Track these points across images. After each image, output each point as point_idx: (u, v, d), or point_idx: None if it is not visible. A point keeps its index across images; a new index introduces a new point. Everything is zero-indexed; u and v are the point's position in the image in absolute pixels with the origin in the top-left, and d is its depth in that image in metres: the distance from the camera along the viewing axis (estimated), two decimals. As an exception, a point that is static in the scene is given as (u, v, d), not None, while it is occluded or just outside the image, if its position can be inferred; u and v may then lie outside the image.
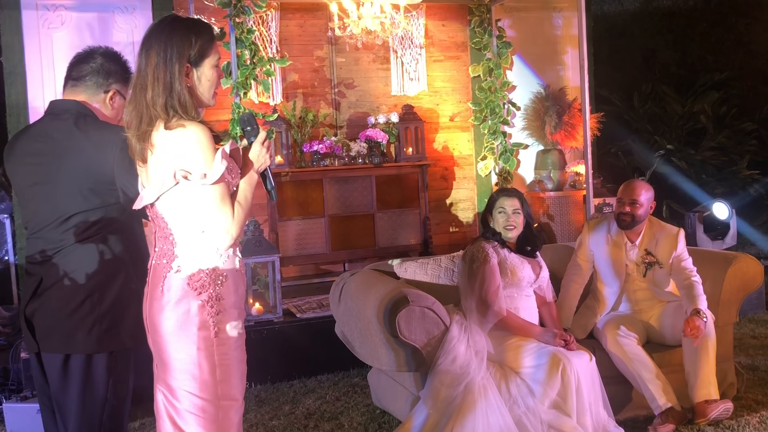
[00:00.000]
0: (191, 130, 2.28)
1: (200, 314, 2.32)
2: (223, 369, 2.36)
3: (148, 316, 2.40)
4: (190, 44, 2.35)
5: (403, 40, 7.60)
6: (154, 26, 2.39)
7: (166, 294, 2.33)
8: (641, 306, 4.45)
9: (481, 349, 3.87)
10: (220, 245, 2.34)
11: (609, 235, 4.49)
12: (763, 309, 6.50)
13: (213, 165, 2.27)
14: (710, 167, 9.60)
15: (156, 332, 2.36)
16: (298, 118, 7.17)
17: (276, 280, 5.34)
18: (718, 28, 10.75)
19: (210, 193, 2.28)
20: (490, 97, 7.77)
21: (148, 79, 2.30)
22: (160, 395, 2.38)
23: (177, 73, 2.31)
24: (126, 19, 6.76)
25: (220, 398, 2.36)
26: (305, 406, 4.69)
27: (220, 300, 2.35)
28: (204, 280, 2.33)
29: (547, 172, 7.79)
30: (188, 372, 2.32)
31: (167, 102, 2.29)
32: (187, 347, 2.32)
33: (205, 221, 2.31)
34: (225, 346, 2.37)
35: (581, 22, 6.35)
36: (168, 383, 2.35)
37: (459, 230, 7.98)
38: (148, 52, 2.32)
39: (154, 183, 2.33)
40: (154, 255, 2.42)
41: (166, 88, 2.30)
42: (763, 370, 4.93)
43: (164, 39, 2.32)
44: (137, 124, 2.32)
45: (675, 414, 3.97)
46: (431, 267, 4.55)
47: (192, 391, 2.33)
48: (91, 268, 2.61)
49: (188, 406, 2.33)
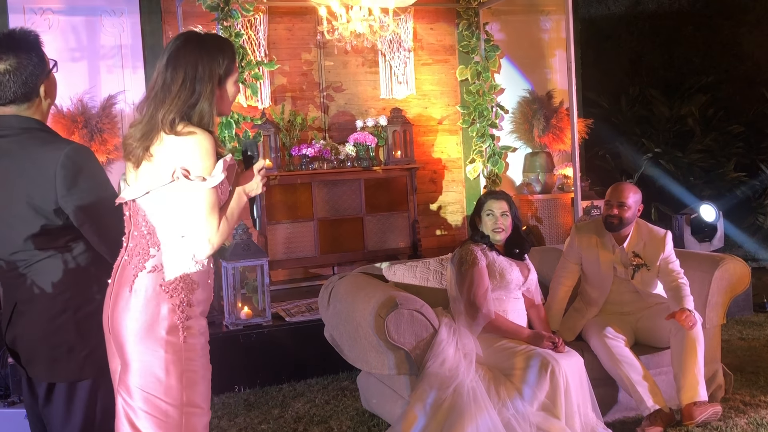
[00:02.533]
0: (199, 137, 2.27)
1: (170, 318, 2.29)
2: (189, 375, 2.32)
3: (110, 316, 2.34)
4: (219, 64, 2.35)
5: (391, 44, 7.62)
6: (181, 44, 2.36)
7: (135, 294, 2.29)
8: (629, 308, 4.47)
9: (469, 352, 3.87)
10: (198, 253, 2.31)
11: (597, 237, 4.50)
12: (751, 311, 6.53)
13: (214, 171, 2.27)
14: (698, 170, 9.64)
15: (119, 333, 2.31)
16: (287, 121, 7.17)
17: (265, 283, 5.33)
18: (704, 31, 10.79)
19: (202, 198, 2.27)
20: (479, 101, 7.79)
21: (170, 96, 2.29)
22: (120, 399, 2.33)
23: (207, 92, 2.32)
24: (113, 23, 6.75)
25: (184, 404, 2.31)
26: (294, 409, 4.68)
27: (191, 306, 2.32)
28: (177, 284, 2.30)
29: (535, 174, 7.81)
30: (153, 375, 2.28)
31: (176, 118, 2.28)
32: (154, 350, 2.28)
33: (188, 226, 2.29)
34: (192, 353, 2.33)
35: (569, 25, 6.37)
36: (127, 384, 2.30)
37: (448, 233, 8.00)
38: (175, 69, 2.30)
39: (145, 180, 2.31)
40: (124, 252, 2.38)
41: (186, 105, 2.29)
42: (751, 372, 4.95)
43: (195, 58, 2.32)
44: (144, 136, 2.30)
45: (663, 416, 3.98)
46: (420, 270, 4.55)
47: (155, 394, 2.28)
48: (62, 286, 2.49)
49: (149, 408, 2.28)
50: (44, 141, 2.49)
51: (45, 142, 2.49)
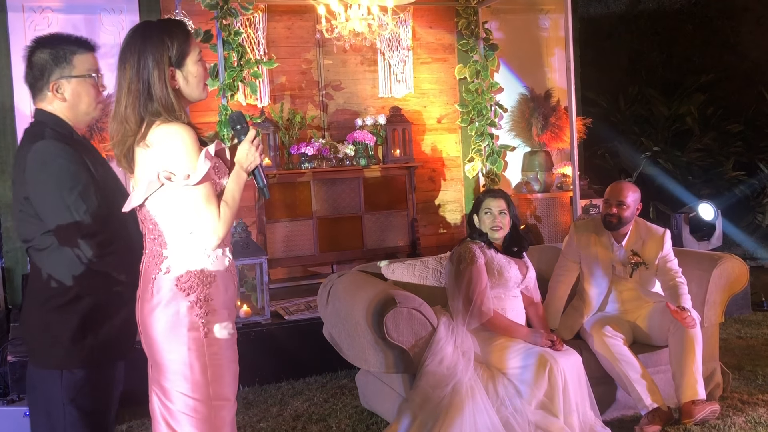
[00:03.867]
0: (175, 130, 2.28)
1: (189, 315, 2.32)
2: (215, 369, 2.36)
3: (139, 318, 2.40)
4: (167, 47, 2.34)
5: (390, 42, 7.62)
6: (127, 38, 2.38)
7: (155, 295, 2.33)
8: (628, 306, 4.47)
9: (468, 350, 3.88)
10: (207, 246, 2.34)
11: (596, 236, 4.50)
12: (749, 309, 6.54)
13: (197, 166, 2.27)
14: (696, 168, 9.64)
15: (147, 334, 2.36)
16: (286, 120, 7.16)
17: (264, 282, 5.34)
18: (703, 30, 10.80)
19: (195, 193, 2.28)
20: (477, 99, 7.79)
21: (123, 92, 2.32)
22: (154, 397, 2.39)
23: (156, 79, 2.31)
24: (113, 21, 6.75)
25: (212, 398, 2.36)
26: (293, 408, 4.68)
27: (209, 301, 2.35)
28: (192, 281, 2.33)
29: (534, 173, 7.82)
30: (180, 373, 2.33)
31: (141, 111, 2.30)
32: (178, 348, 2.32)
33: (193, 222, 2.31)
34: (215, 347, 2.37)
35: (567, 24, 6.38)
36: (161, 384, 2.36)
37: (447, 232, 8.00)
38: (123, 65, 2.33)
39: (142, 185, 2.33)
40: (144, 257, 2.41)
41: (142, 97, 2.30)
42: (749, 370, 4.96)
43: (138, 49, 2.33)
44: (120, 141, 2.33)
45: (661, 414, 3.99)
46: (419, 268, 4.55)
47: (184, 391, 2.33)
48: (68, 277, 2.54)
49: (181, 407, 2.33)
50: (34, 137, 2.56)
51: (35, 138, 2.56)
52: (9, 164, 6.39)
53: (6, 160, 6.40)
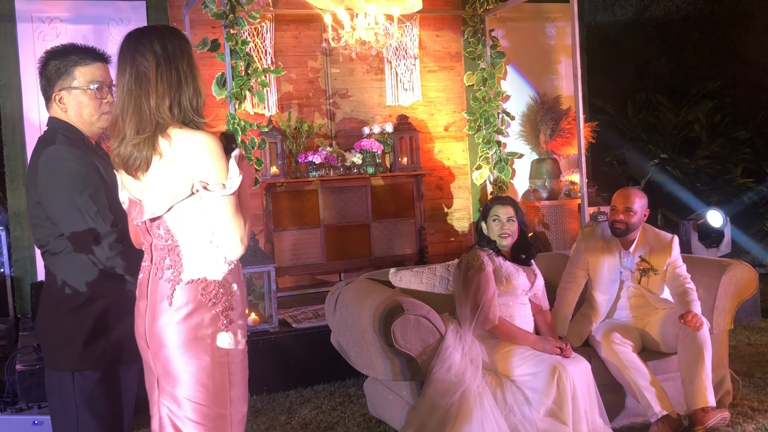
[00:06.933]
0: (205, 139, 2.21)
1: (213, 325, 2.28)
2: (233, 379, 2.33)
3: (148, 331, 2.32)
4: (186, 39, 2.32)
5: (397, 51, 7.64)
6: (138, 31, 2.30)
7: (176, 307, 2.27)
8: (636, 313, 4.46)
9: (476, 357, 3.87)
10: (231, 255, 2.29)
11: (603, 242, 4.49)
12: (759, 316, 6.51)
13: (229, 175, 2.21)
14: (704, 176, 9.62)
15: (162, 346, 2.29)
16: (293, 128, 7.18)
17: (272, 290, 5.34)
18: (711, 38, 10.79)
19: (225, 203, 2.22)
20: (485, 107, 7.79)
21: (151, 83, 2.21)
22: (164, 409, 2.32)
23: (186, 66, 2.26)
24: (121, 31, 6.77)
25: (230, 408, 2.33)
26: (301, 416, 4.68)
27: (233, 309, 2.32)
28: (217, 290, 2.29)
29: (541, 181, 7.81)
30: (200, 383, 2.27)
31: (173, 103, 2.23)
32: (200, 358, 2.27)
33: (215, 232, 2.26)
34: (234, 356, 2.33)
35: (574, 32, 6.38)
36: (175, 396, 2.29)
37: (454, 239, 7.99)
38: (143, 56, 2.23)
39: (164, 194, 2.24)
40: (151, 268, 2.35)
41: (171, 88, 2.24)
42: (759, 377, 4.93)
43: (160, 39, 2.26)
44: (134, 132, 2.22)
45: (671, 421, 3.97)
46: (426, 276, 4.55)
47: (203, 402, 2.28)
48: (81, 280, 2.57)
49: (198, 418, 2.28)
50: (46, 142, 2.61)
51: (46, 143, 2.60)
52: (18, 174, 6.42)
53: (15, 170, 6.43)
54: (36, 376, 4.67)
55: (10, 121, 6.46)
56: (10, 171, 6.47)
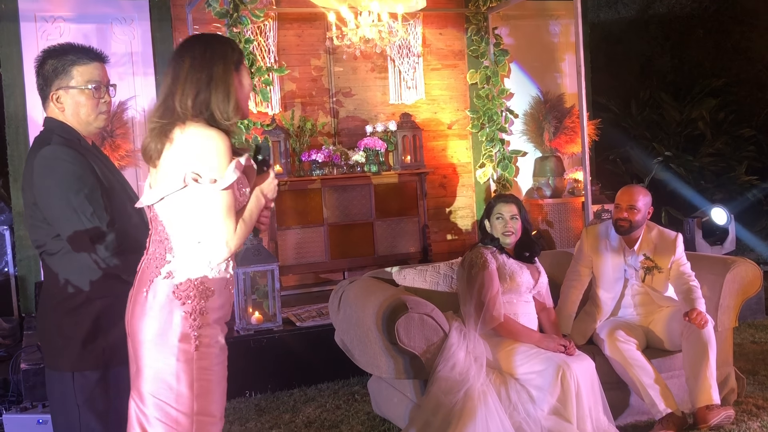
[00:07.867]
0: (212, 135, 2.24)
1: (182, 325, 2.25)
2: (202, 384, 2.29)
3: (129, 320, 2.34)
4: (232, 49, 2.36)
5: (400, 49, 7.63)
6: (187, 39, 2.41)
7: (150, 299, 2.27)
8: (640, 311, 4.45)
9: (480, 356, 3.87)
10: (215, 257, 2.27)
11: (607, 240, 4.49)
12: (763, 314, 6.49)
13: (225, 172, 2.22)
14: (708, 173, 9.62)
15: (135, 337, 2.30)
16: (297, 127, 7.18)
17: (275, 289, 5.34)
18: (715, 35, 10.78)
19: (217, 200, 2.22)
20: (488, 105, 7.79)
21: (179, 81, 2.28)
22: (132, 402, 2.32)
23: (220, 71, 2.30)
24: (124, 30, 6.79)
25: (196, 413, 2.28)
26: (305, 414, 4.68)
27: (204, 314, 2.28)
28: (190, 291, 2.27)
29: (545, 179, 7.80)
30: (164, 381, 2.26)
31: (198, 101, 2.27)
32: (166, 357, 2.25)
33: (204, 231, 2.24)
34: (205, 361, 2.30)
35: (578, 29, 6.37)
36: (140, 390, 2.28)
37: (458, 238, 7.99)
38: (181, 57, 2.31)
39: (161, 183, 2.28)
40: (145, 258, 2.36)
41: (200, 85, 2.28)
42: (764, 375, 4.92)
43: (201, 45, 2.34)
44: (158, 117, 2.29)
45: (675, 419, 3.97)
46: (430, 274, 4.55)
47: (166, 401, 2.26)
48: (79, 281, 2.57)
49: (159, 415, 2.26)
50: (42, 142, 2.62)
51: (42, 143, 2.61)
52: (22, 173, 6.42)
53: (18, 169, 6.45)
54: (40, 375, 4.67)
55: (13, 121, 6.47)
56: (14, 170, 6.49)
